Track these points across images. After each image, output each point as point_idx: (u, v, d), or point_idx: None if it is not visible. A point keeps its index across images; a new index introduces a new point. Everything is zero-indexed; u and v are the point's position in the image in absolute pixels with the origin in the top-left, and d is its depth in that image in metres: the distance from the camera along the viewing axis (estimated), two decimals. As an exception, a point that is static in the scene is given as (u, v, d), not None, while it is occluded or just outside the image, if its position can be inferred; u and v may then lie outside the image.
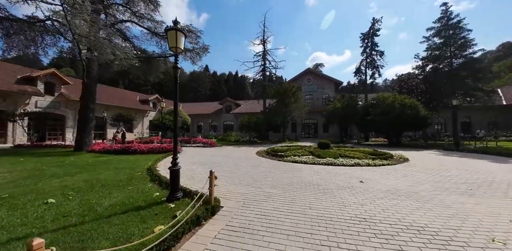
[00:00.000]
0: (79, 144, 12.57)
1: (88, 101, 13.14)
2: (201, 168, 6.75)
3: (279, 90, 19.12)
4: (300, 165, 7.31)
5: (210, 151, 11.96)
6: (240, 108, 32.89)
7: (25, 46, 12.55)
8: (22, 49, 12.38)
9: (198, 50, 17.35)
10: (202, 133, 33.37)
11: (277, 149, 10.63)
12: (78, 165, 7.57)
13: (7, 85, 15.94)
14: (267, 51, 23.45)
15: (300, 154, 9.12)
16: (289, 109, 18.27)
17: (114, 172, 6.21)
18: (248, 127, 17.42)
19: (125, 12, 16.90)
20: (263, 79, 23.12)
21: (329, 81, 29.01)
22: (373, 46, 23.78)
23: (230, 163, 7.73)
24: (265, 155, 9.74)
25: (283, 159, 8.21)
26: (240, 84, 73.13)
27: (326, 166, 7.08)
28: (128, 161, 8.20)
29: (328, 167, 6.94)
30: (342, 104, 19.24)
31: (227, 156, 9.61)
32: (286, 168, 6.77)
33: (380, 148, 14.28)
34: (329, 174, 5.84)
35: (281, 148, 11.76)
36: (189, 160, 8.52)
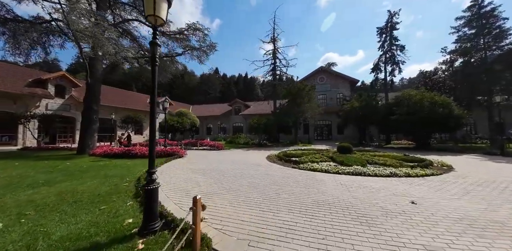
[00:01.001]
0: (81, 146, 12.04)
1: (91, 103, 12.63)
2: (201, 177, 5.66)
3: (290, 90, 17.85)
4: (320, 174, 6.00)
5: (216, 155, 10.92)
6: (249, 109, 31.88)
7: (31, 47, 12.35)
8: (28, 50, 12.16)
9: (205, 48, 16.58)
10: (211, 135, 32.71)
11: (291, 153, 9.36)
12: (69, 170, 6.78)
13: (18, 88, 15.99)
14: (277, 49, 22.30)
15: (318, 159, 7.79)
16: (301, 110, 16.91)
17: (100, 181, 5.28)
18: (257, 129, 16.27)
19: (132, 11, 16.55)
20: (273, 78, 21.94)
21: (344, 80, 27.25)
22: (392, 40, 21.86)
23: (236, 170, 6.58)
24: (276, 160, 8.51)
25: (299, 166, 6.93)
26: (250, 85, 72.45)
27: (354, 177, 5.72)
28: (123, 167, 7.32)
29: (357, 178, 5.59)
30: (360, 103, 17.58)
31: (234, 162, 8.49)
32: (304, 178, 5.50)
33: (407, 151, 12.57)
34: (363, 189, 4.51)
35: (294, 151, 10.46)
36: (190, 166, 7.49)
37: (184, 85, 68.93)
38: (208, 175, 5.88)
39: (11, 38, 11.11)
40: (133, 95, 33.42)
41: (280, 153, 9.90)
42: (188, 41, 16.65)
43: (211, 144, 14.91)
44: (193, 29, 16.21)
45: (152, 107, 2.79)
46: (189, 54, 16.98)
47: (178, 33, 16.46)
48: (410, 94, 15.13)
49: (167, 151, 9.96)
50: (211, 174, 6.00)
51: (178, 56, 17.47)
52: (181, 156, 9.94)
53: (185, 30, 16.25)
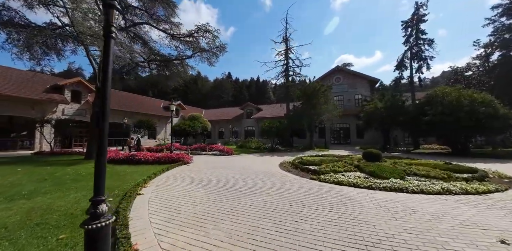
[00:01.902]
0: (89, 151, 11.76)
1: (100, 107, 12.40)
2: (201, 191, 4.71)
3: (305, 90, 16.65)
4: (349, 189, 4.78)
5: (225, 161, 10.00)
6: (261, 113, 30.97)
7: (45, 53, 12.52)
8: (41, 56, 12.31)
9: (215, 50, 16.06)
10: (223, 139, 32.16)
11: (307, 160, 8.16)
12: (62, 179, 6.21)
13: (36, 94, 16.49)
14: (290, 49, 21.30)
15: (341, 169, 6.54)
16: (317, 112, 15.59)
17: (85, 194, 4.54)
18: (269, 132, 15.20)
19: (143, 16, 16.56)
20: (286, 79, 20.87)
21: (363, 79, 25.45)
22: (419, 33, 19.93)
23: (243, 182, 5.55)
24: (291, 168, 7.36)
25: (319, 177, 5.73)
26: (262, 89, 71.90)
27: (394, 194, 4.44)
28: (120, 175, 6.62)
29: (398, 196, 4.31)
30: (384, 103, 15.88)
31: (243, 169, 7.48)
32: (329, 196, 4.32)
33: (443, 158, 10.82)
34: (414, 215, 3.26)
35: (311, 158, 9.24)
36: (193, 174, 6.60)
37: (197, 91, 70.08)
38: (210, 188, 4.91)
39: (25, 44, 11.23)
40: (148, 100, 34.02)
41: (295, 160, 8.73)
42: (197, 43, 16.24)
43: (221, 148, 14.08)
44: (203, 31, 15.79)
45: (104, 100, 1.89)
46: (199, 56, 16.57)
47: (188, 35, 16.12)
48: (445, 91, 13.26)
49: (172, 156, 9.22)
50: (213, 186, 5.03)
51: (188, 59, 17.13)
52: (187, 162, 9.16)
53: (195, 32, 15.87)
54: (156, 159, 9.13)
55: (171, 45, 17.00)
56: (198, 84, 72.03)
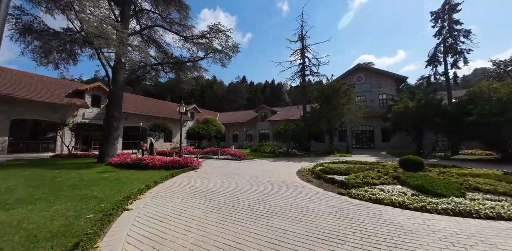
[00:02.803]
0: (101, 154, 11.65)
1: (112, 110, 12.33)
2: (202, 207, 3.83)
3: (323, 90, 15.37)
4: (394, 211, 3.57)
5: (236, 167, 9.12)
6: (276, 115, 29.90)
7: (63, 58, 12.82)
8: (59, 61, 12.59)
9: (227, 50, 15.52)
10: (237, 142, 31.55)
11: (331, 168, 6.98)
12: (61, 185, 5.79)
13: (58, 99, 17.15)
14: (306, 48, 20.18)
15: (376, 180, 5.30)
16: (338, 113, 14.20)
17: (70, 206, 3.91)
18: (284, 135, 14.10)
19: (157, 19, 16.64)
20: (302, 79, 19.70)
21: (388, 77, 23.37)
22: (453, 24, 17.73)
23: (254, 196, 4.58)
24: (312, 177, 6.24)
25: (350, 191, 4.56)
26: (277, 92, 70.90)
27: (461, 220, 3.19)
28: (121, 182, 6.03)
29: (469, 224, 3.05)
30: (417, 102, 14.04)
31: (256, 178, 6.52)
32: (370, 222, 3.16)
33: (493, 165, 8.94)
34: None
35: (334, 165, 8.02)
36: (198, 183, 5.79)
37: (213, 95, 71.04)
38: (214, 203, 4.03)
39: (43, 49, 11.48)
40: (164, 104, 34.67)
41: (316, 167, 7.58)
42: (210, 44, 15.85)
43: (233, 152, 13.27)
44: (215, 32, 15.36)
45: None
46: (211, 57, 16.15)
47: (200, 37, 15.79)
48: (492, 87, 11.23)
49: (180, 161, 8.55)
50: (218, 201, 4.13)
51: (201, 61, 16.82)
52: (195, 167, 8.44)
53: (207, 33, 15.49)
54: (163, 164, 8.54)
55: (184, 47, 16.85)
56: (213, 88, 73.10)
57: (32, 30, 10.69)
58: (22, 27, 10.74)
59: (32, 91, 16.12)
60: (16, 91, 14.95)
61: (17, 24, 10.57)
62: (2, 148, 14.35)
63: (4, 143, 14.50)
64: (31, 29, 10.65)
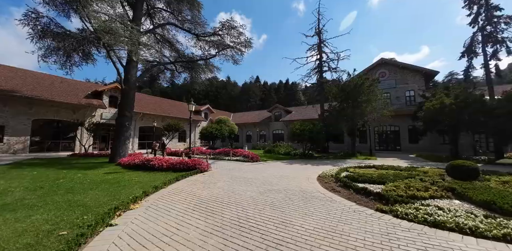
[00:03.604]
0: (113, 155, 11.49)
1: (124, 109, 12.14)
2: (201, 224, 3.03)
3: (344, 86, 14.04)
4: (466, 242, 2.51)
5: (248, 170, 8.29)
6: (291, 115, 28.72)
7: (82, 58, 12.93)
8: (78, 62, 12.70)
9: (239, 45, 14.84)
10: (250, 142, 30.84)
11: (359, 175, 5.86)
12: (60, 187, 5.40)
13: (77, 100, 17.63)
14: (323, 42, 18.88)
15: (425, 193, 4.14)
16: (361, 111, 12.80)
17: (51, 216, 3.34)
18: (300, 136, 13.00)
19: (169, 18, 16.44)
20: (320, 76, 18.41)
21: (415, 72, 21.19)
22: (492, 10, 15.44)
23: (269, 211, 3.66)
24: (337, 186, 5.20)
25: (394, 209, 3.43)
26: (291, 92, 69.19)
27: None
28: (120, 185, 5.47)
29: None
30: (455, 99, 12.23)
31: (270, 184, 5.63)
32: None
33: None
34: None
35: (362, 170, 6.86)
36: (202, 191, 5.03)
37: (227, 95, 71.29)
38: (215, 220, 3.20)
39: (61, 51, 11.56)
40: (179, 104, 34.97)
41: (340, 172, 6.48)
42: (222, 41, 15.27)
43: (245, 153, 12.48)
44: (228, 28, 14.76)
45: None
46: (223, 55, 15.58)
47: (212, 34, 15.29)
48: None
49: (187, 163, 7.91)
50: (221, 217, 3.30)
51: (213, 59, 16.33)
52: (203, 170, 7.75)
53: (219, 29, 14.94)
54: (171, 165, 7.96)
55: (196, 46, 16.48)
56: (227, 89, 73.40)
57: (49, 32, 10.75)
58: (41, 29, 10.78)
59: (53, 92, 16.68)
60: (38, 92, 15.51)
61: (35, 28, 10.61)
62: (24, 147, 14.93)
63: (26, 142, 15.08)
64: (48, 32, 10.70)
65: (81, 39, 11.29)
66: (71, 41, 10.73)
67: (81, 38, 11.27)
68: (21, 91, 14.63)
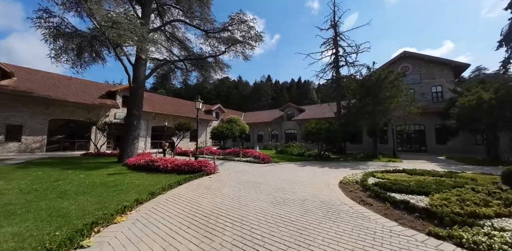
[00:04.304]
0: (121, 154, 11.26)
1: (133, 108, 11.90)
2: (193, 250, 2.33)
3: (363, 82, 12.81)
4: None
5: (258, 174, 7.53)
6: (304, 114, 27.55)
7: (92, 58, 12.92)
8: (88, 62, 12.69)
9: (250, 40, 14.11)
10: (262, 142, 30.07)
11: (393, 182, 4.88)
12: (55, 190, 5.02)
13: (91, 100, 17.91)
14: (339, 36, 17.62)
15: (488, 209, 3.14)
16: (384, 108, 11.52)
17: (22, 229, 2.79)
18: (316, 136, 11.98)
19: (178, 15, 16.11)
20: (336, 71, 17.18)
21: (443, 66, 19.23)
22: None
23: (282, 233, 2.87)
24: (366, 196, 4.27)
25: (457, 235, 2.51)
26: (304, 90, 67.37)
27: None
28: (117, 190, 4.95)
29: None
30: (495, 92, 10.62)
31: (283, 192, 4.82)
32: None
33: None
34: None
35: (392, 175, 5.82)
36: (204, 200, 4.34)
37: (238, 95, 71.03)
38: (212, 246, 2.47)
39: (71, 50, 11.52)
40: (192, 104, 34.99)
41: (367, 179, 5.48)
42: (232, 37, 14.61)
43: (256, 154, 11.72)
44: (238, 23, 14.09)
45: None
46: (233, 51, 14.93)
47: (222, 30, 14.71)
48: None
49: (193, 165, 7.31)
50: (220, 240, 2.57)
51: (222, 56, 15.76)
52: (210, 172, 7.11)
53: (229, 25, 14.32)
54: (175, 167, 7.41)
55: (206, 43, 16.00)
56: (239, 88, 73.16)
57: (61, 32, 10.70)
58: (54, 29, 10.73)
59: (69, 93, 17.04)
60: (54, 93, 15.87)
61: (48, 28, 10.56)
62: (41, 146, 15.32)
63: (43, 141, 15.47)
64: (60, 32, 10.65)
65: (90, 38, 11.20)
66: (80, 40, 10.64)
67: (90, 37, 11.17)
68: (38, 92, 15.02)
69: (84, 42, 10.95)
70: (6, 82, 14.49)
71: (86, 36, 10.60)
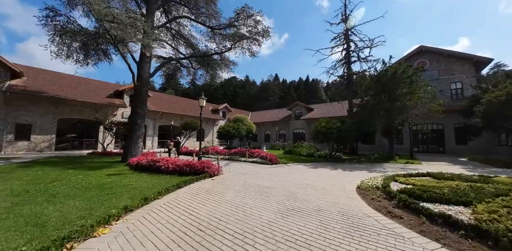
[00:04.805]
0: (125, 154, 11.03)
1: (137, 106, 11.65)
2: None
3: (378, 77, 11.94)
4: None
5: (265, 176, 6.97)
6: (313, 113, 26.70)
7: (99, 58, 12.81)
8: (96, 61, 12.58)
9: (257, 35, 13.55)
10: (269, 142, 29.45)
11: (422, 189, 4.19)
12: (48, 192, 4.77)
13: (99, 99, 17.96)
14: (351, 29, 16.72)
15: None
16: (403, 105, 10.63)
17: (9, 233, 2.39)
18: (326, 135, 11.26)
19: (183, 12, 15.78)
20: (348, 67, 16.30)
21: (464, 61, 17.87)
22: None
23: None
24: (392, 206, 3.62)
25: None
26: (312, 89, 65.96)
27: None
28: (110, 193, 4.55)
29: None
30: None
31: (293, 198, 4.24)
32: None
33: None
34: None
35: (419, 181, 5.11)
36: (201, 208, 3.85)
37: (245, 94, 70.60)
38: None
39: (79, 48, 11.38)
40: (198, 103, 34.92)
41: (389, 184, 4.82)
42: (238, 33, 14.08)
43: (263, 154, 11.15)
44: (244, 18, 13.55)
45: None
46: (240, 47, 14.42)
47: (228, 26, 14.22)
48: None
49: (194, 166, 6.84)
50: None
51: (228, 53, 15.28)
52: (213, 174, 6.63)
53: (235, 20, 13.80)
54: (177, 168, 6.99)
55: (211, 41, 15.60)
56: (246, 88, 72.72)
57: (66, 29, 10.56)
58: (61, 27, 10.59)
59: (78, 93, 17.14)
60: (63, 93, 15.97)
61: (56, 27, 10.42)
62: (50, 145, 15.44)
63: (52, 140, 15.59)
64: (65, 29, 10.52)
65: (94, 34, 11.00)
66: (84, 36, 10.45)
67: (94, 33, 10.96)
68: (47, 91, 15.13)
69: (88, 39, 10.79)
70: (15, 82, 14.67)
71: (90, 33, 10.41)
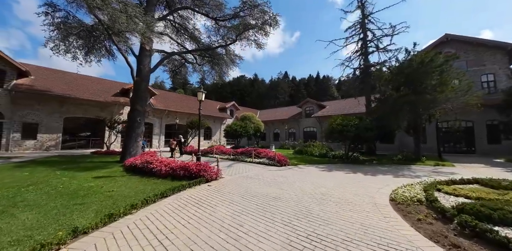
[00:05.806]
0: (123, 153, 10.42)
1: (136, 103, 10.97)
2: None
3: (401, 68, 10.47)
4: None
5: (272, 182, 5.93)
6: (325, 110, 25.19)
7: (102, 55, 12.30)
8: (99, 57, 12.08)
9: (264, 24, 12.44)
10: (278, 141, 28.31)
11: (489, 206, 3.00)
12: (11, 199, 3.96)
13: (104, 98, 17.66)
14: (368, 17, 15.18)
15: None
16: (432, 98, 9.14)
17: None
18: (341, 133, 9.98)
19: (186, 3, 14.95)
20: (364, 58, 14.79)
21: (496, 50, 15.73)
22: None
23: None
24: (454, 232, 2.48)
25: None
26: (323, 86, 63.65)
27: None
28: (81, 203, 3.75)
29: None
30: None
31: (307, 218, 3.17)
32: None
33: None
34: None
35: (474, 193, 3.88)
36: (181, 229, 2.87)
37: (255, 93, 69.51)
38: None
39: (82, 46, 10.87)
40: (205, 102, 34.35)
41: (437, 199, 3.64)
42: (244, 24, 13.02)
43: (271, 155, 10.08)
44: (250, 7, 12.49)
45: None
46: (245, 39, 13.39)
47: (233, 17, 13.22)
48: None
49: (190, 169, 5.90)
50: None
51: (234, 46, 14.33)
52: (210, 178, 5.68)
53: (240, 10, 12.77)
54: (170, 171, 6.11)
55: (215, 33, 14.66)
56: (255, 86, 71.63)
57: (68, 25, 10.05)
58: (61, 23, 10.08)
59: (84, 91, 16.90)
60: (69, 92, 15.74)
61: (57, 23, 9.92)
62: (56, 144, 15.26)
63: (58, 139, 15.41)
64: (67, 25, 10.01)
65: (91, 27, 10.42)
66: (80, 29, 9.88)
67: (91, 26, 10.38)
68: (53, 90, 14.91)
69: (85, 32, 10.23)
70: (22, 81, 14.56)
71: (86, 26, 9.82)
